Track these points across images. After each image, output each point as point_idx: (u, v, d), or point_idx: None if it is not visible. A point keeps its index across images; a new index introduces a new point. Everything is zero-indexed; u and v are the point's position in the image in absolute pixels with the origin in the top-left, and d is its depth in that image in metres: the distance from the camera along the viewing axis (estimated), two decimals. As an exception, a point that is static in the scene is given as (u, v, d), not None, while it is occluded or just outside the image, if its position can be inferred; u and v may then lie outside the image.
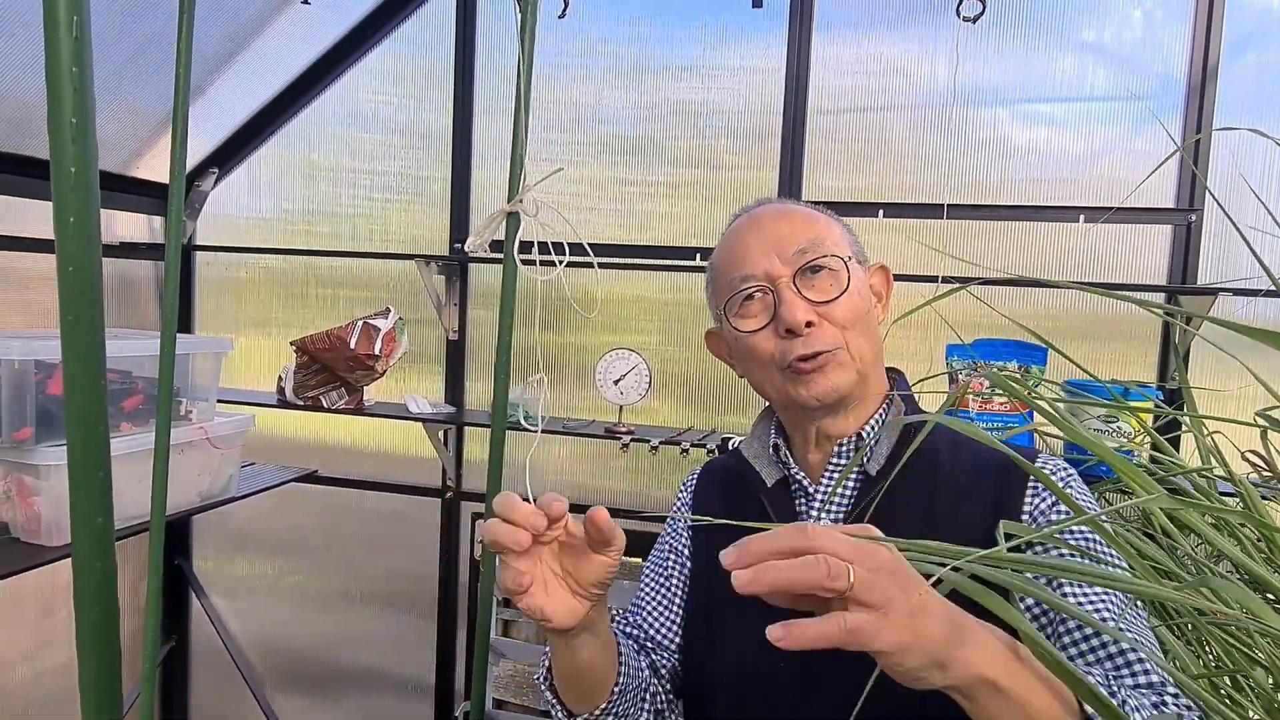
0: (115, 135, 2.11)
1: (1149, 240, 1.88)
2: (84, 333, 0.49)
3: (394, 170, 2.34)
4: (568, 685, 0.84)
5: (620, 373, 1.98)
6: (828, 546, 0.52)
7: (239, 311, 2.48)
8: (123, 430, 1.65)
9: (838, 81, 2.03)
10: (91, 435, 0.49)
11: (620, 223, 2.20)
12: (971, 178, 1.97)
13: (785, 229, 0.90)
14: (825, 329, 0.86)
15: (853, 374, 0.87)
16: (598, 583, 0.74)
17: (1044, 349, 1.77)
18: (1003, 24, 1.93)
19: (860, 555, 0.52)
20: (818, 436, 0.92)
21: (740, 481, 0.98)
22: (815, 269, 0.87)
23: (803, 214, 0.93)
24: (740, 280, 0.90)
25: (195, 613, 2.57)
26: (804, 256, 0.87)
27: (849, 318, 0.87)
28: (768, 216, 0.92)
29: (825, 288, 0.87)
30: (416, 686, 2.41)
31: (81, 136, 0.47)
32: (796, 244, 0.88)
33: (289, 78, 2.31)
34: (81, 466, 0.49)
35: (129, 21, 1.85)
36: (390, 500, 2.38)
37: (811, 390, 0.87)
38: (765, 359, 0.89)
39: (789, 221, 0.91)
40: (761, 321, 0.89)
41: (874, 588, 0.51)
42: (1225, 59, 1.80)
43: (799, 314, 0.85)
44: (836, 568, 0.51)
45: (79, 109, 0.47)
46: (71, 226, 0.47)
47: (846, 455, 0.91)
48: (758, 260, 0.89)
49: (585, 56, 2.19)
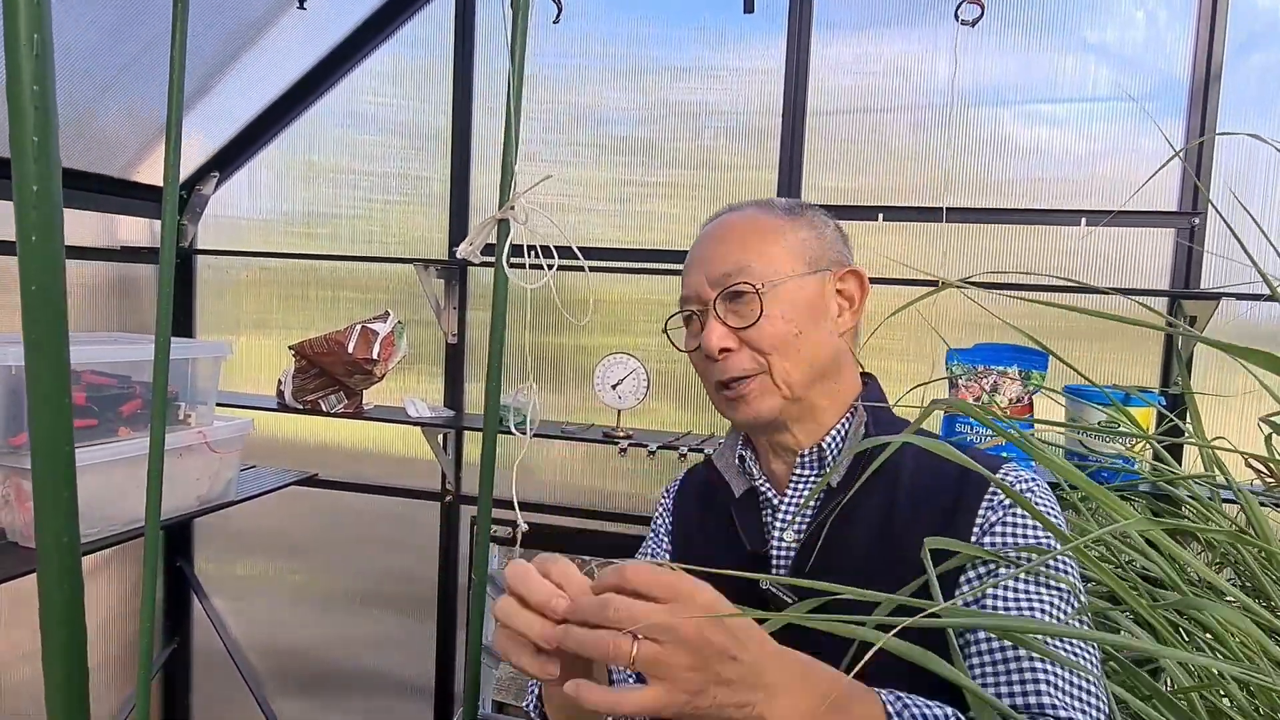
0: (117, 139, 2.11)
1: (1152, 244, 1.86)
2: (49, 352, 0.49)
3: (393, 172, 2.34)
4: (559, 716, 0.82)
5: (618, 377, 1.98)
6: (627, 618, 0.54)
7: (240, 314, 2.48)
8: (121, 435, 1.65)
9: (837, 82, 2.02)
10: (57, 455, 0.49)
11: (620, 224, 2.19)
12: (972, 179, 1.95)
13: (716, 251, 0.90)
14: (740, 355, 0.87)
15: (777, 400, 0.87)
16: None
17: (1045, 354, 1.76)
18: (1004, 24, 1.91)
19: (658, 623, 0.54)
20: (773, 448, 0.93)
21: (713, 492, 0.98)
22: (736, 294, 0.88)
23: (740, 232, 0.91)
24: (682, 300, 0.93)
25: (197, 615, 2.57)
26: (727, 280, 0.88)
27: (769, 343, 0.87)
28: (712, 234, 0.93)
29: (745, 313, 0.87)
30: (416, 689, 2.41)
31: (44, 155, 0.47)
32: (722, 267, 0.88)
33: (290, 80, 2.31)
34: (48, 487, 0.49)
35: (129, 24, 1.85)
36: (390, 503, 2.38)
37: (738, 415, 0.89)
38: (703, 377, 0.92)
39: (722, 243, 0.91)
40: (696, 342, 0.91)
41: (658, 664, 0.54)
42: (1229, 60, 1.78)
43: (714, 339, 0.87)
44: (619, 646, 0.53)
45: (41, 127, 0.46)
46: (34, 245, 0.47)
47: (810, 466, 0.91)
48: (693, 280, 0.91)
49: (584, 58, 2.18)
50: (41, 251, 0.47)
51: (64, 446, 0.49)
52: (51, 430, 0.49)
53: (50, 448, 0.49)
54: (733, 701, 0.55)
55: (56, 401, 0.49)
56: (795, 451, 0.91)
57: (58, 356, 0.49)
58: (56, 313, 0.48)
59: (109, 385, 1.66)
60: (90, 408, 1.61)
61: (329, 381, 2.11)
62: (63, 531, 0.49)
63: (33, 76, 0.46)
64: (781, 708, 0.57)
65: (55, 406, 0.49)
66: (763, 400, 0.87)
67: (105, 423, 1.63)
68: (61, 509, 0.48)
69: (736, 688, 0.56)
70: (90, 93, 1.94)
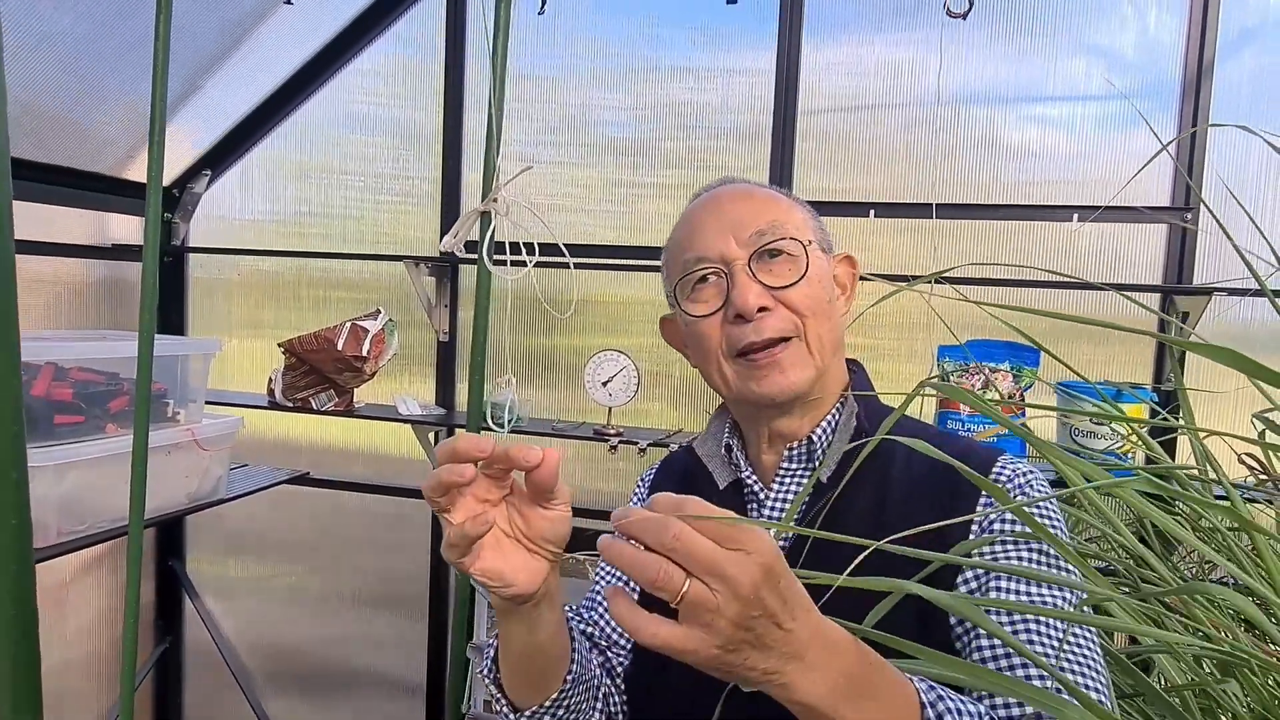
0: (107, 136, 2.11)
1: (1144, 240, 1.86)
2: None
3: (385, 171, 2.34)
4: (519, 672, 0.77)
5: (609, 374, 1.97)
6: (683, 550, 0.49)
7: (231, 313, 2.48)
8: (108, 432, 1.64)
9: (828, 82, 2.02)
10: (4, 434, 0.48)
11: (611, 224, 2.19)
12: (964, 178, 1.94)
13: (744, 210, 0.85)
14: (779, 315, 0.81)
15: (810, 371, 0.82)
16: (554, 538, 0.68)
17: (1037, 350, 1.75)
18: (993, 23, 1.90)
19: (717, 568, 0.49)
20: (770, 436, 0.88)
21: (694, 480, 0.93)
22: (773, 253, 0.83)
23: (764, 195, 0.88)
24: (694, 262, 0.85)
25: (189, 614, 2.57)
26: (761, 239, 0.82)
27: (807, 305, 0.82)
28: (726, 196, 0.88)
29: (783, 272, 0.82)
30: (408, 688, 2.40)
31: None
32: (755, 225, 0.83)
33: (281, 78, 2.31)
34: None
35: (119, 20, 1.85)
36: (382, 502, 2.38)
37: (764, 387, 0.82)
38: (714, 347, 0.85)
39: (748, 202, 0.86)
40: (713, 306, 0.84)
41: (703, 610, 0.49)
42: (1220, 58, 1.78)
43: (751, 298, 0.80)
44: (670, 577, 0.49)
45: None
46: (-17, 224, 0.47)
47: (798, 458, 0.87)
48: (712, 241, 0.84)
49: (576, 58, 2.18)
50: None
51: (12, 425, 0.48)
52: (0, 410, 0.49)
53: (1, 428, 0.49)
54: (763, 666, 0.52)
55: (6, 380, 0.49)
56: (789, 440, 0.86)
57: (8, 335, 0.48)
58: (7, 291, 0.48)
59: (97, 382, 1.65)
60: (78, 404, 1.60)
61: (319, 379, 2.10)
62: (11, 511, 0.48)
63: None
64: (810, 682, 0.53)
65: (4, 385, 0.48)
66: (797, 370, 0.82)
67: (92, 419, 1.62)
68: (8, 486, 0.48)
69: (771, 654, 0.52)
70: (81, 88, 1.94)
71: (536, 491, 0.66)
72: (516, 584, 0.67)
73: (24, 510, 0.49)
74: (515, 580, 0.66)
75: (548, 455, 0.63)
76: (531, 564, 0.67)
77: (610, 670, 0.92)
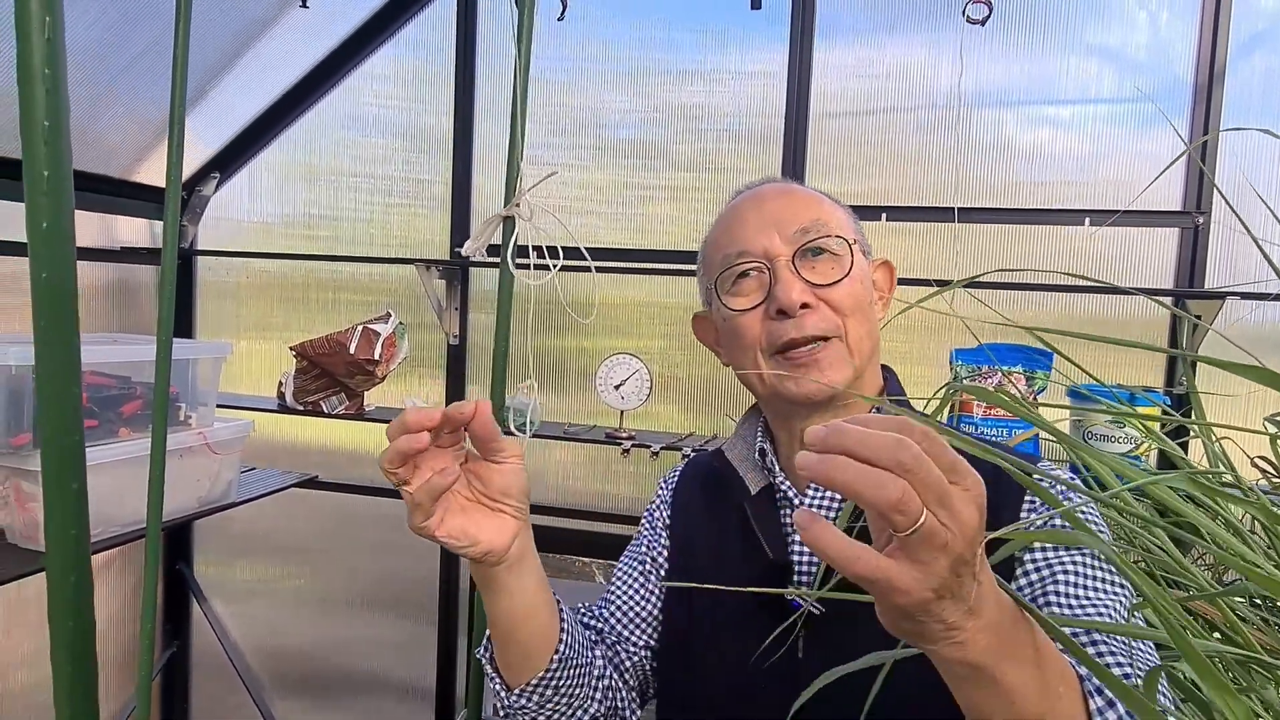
0: (117, 140, 2.11)
1: (1156, 244, 1.86)
2: (58, 340, 0.48)
3: (395, 174, 2.33)
4: (505, 645, 0.78)
5: (621, 378, 1.97)
6: (922, 475, 0.43)
7: (240, 316, 2.47)
8: (121, 436, 1.64)
9: (840, 85, 2.02)
10: (66, 445, 0.48)
11: (623, 227, 2.19)
12: (976, 181, 1.95)
13: (788, 207, 0.85)
14: (822, 313, 0.81)
15: (848, 371, 0.82)
16: (514, 491, 0.70)
17: (1049, 354, 1.75)
18: (1007, 26, 1.91)
19: (948, 500, 0.44)
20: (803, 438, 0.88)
21: (722, 485, 0.91)
22: (817, 251, 0.83)
23: (807, 194, 0.88)
24: (736, 256, 0.85)
25: (196, 618, 2.56)
26: (806, 236, 0.82)
27: (849, 304, 0.82)
28: (770, 193, 0.88)
29: (826, 270, 0.82)
30: (418, 691, 2.40)
31: (55, 139, 0.46)
32: (799, 223, 0.83)
33: (291, 81, 2.31)
34: (55, 477, 0.48)
35: (130, 26, 1.85)
36: (391, 505, 2.37)
37: (802, 387, 0.81)
38: (752, 342, 0.84)
39: (792, 200, 0.86)
40: (754, 300, 0.84)
41: (930, 547, 0.44)
42: (1232, 61, 1.78)
43: (794, 294, 0.80)
44: (909, 502, 0.42)
45: (52, 111, 0.46)
46: (45, 231, 0.46)
47: None
48: (755, 237, 0.84)
49: (587, 61, 2.18)
50: (53, 238, 0.47)
51: (72, 435, 0.48)
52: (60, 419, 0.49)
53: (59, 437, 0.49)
54: (951, 620, 0.47)
55: (66, 390, 0.48)
56: None
57: (68, 344, 0.48)
58: (67, 298, 0.48)
59: (109, 386, 1.65)
60: (91, 408, 1.59)
61: (330, 382, 2.10)
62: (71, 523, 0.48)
63: (44, 59, 0.45)
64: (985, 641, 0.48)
65: (64, 395, 0.48)
66: (836, 369, 0.81)
67: (106, 423, 1.62)
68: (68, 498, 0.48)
69: (960, 607, 0.47)
70: (91, 93, 1.93)
71: (481, 446, 0.69)
72: (483, 541, 0.69)
73: (84, 520, 0.49)
74: (481, 537, 0.69)
75: (480, 405, 0.66)
76: (497, 521, 0.70)
77: (619, 667, 0.91)
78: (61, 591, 0.48)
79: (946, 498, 0.44)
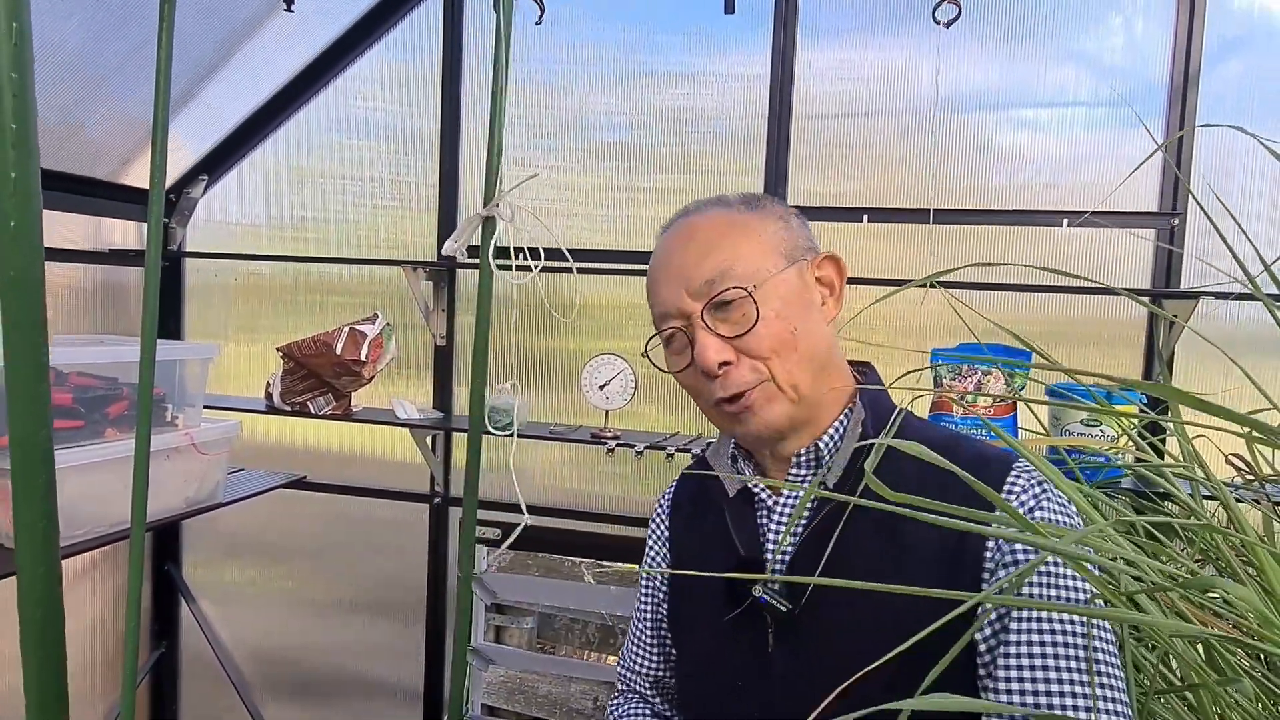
0: (105, 142, 2.12)
1: (1133, 245, 1.88)
2: (26, 339, 0.49)
3: (382, 176, 2.35)
4: None
5: (606, 377, 1.98)
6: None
7: (229, 318, 2.48)
8: (107, 436, 1.65)
9: (822, 87, 2.04)
10: (32, 441, 0.49)
11: (609, 229, 2.20)
12: (955, 185, 1.97)
13: (691, 257, 0.85)
14: (741, 367, 0.82)
15: (786, 406, 0.83)
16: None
17: (1028, 353, 1.77)
18: (984, 30, 1.93)
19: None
20: (774, 455, 0.89)
21: (706, 490, 0.95)
22: (722, 304, 0.82)
23: (710, 233, 0.86)
24: (660, 319, 0.88)
25: (185, 619, 2.56)
26: (711, 289, 0.82)
27: (769, 345, 0.82)
28: (675, 243, 0.88)
29: (737, 319, 0.82)
30: (406, 693, 2.40)
31: (22, 142, 0.47)
32: (703, 275, 0.83)
33: (279, 84, 2.32)
34: (22, 473, 0.50)
35: (117, 27, 1.86)
36: (379, 506, 2.38)
37: (747, 429, 0.84)
38: (698, 394, 0.87)
39: (694, 247, 0.85)
40: (686, 359, 0.86)
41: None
42: (1207, 64, 1.81)
43: (710, 355, 0.81)
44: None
45: (19, 114, 0.47)
46: (12, 232, 0.48)
47: (806, 465, 0.87)
48: (669, 297, 0.85)
49: (572, 64, 2.19)
50: (20, 238, 0.48)
51: (40, 430, 0.50)
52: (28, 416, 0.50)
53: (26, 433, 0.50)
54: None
55: (33, 388, 0.50)
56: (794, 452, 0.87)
57: (35, 343, 0.49)
58: (35, 298, 0.49)
59: (96, 386, 1.66)
60: (77, 409, 1.60)
61: (317, 383, 2.11)
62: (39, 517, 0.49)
63: (11, 64, 0.47)
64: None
65: (32, 393, 0.49)
66: (770, 408, 0.83)
67: (92, 424, 1.62)
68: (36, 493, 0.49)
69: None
70: (78, 95, 1.94)
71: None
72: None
73: (52, 514, 0.50)
74: None
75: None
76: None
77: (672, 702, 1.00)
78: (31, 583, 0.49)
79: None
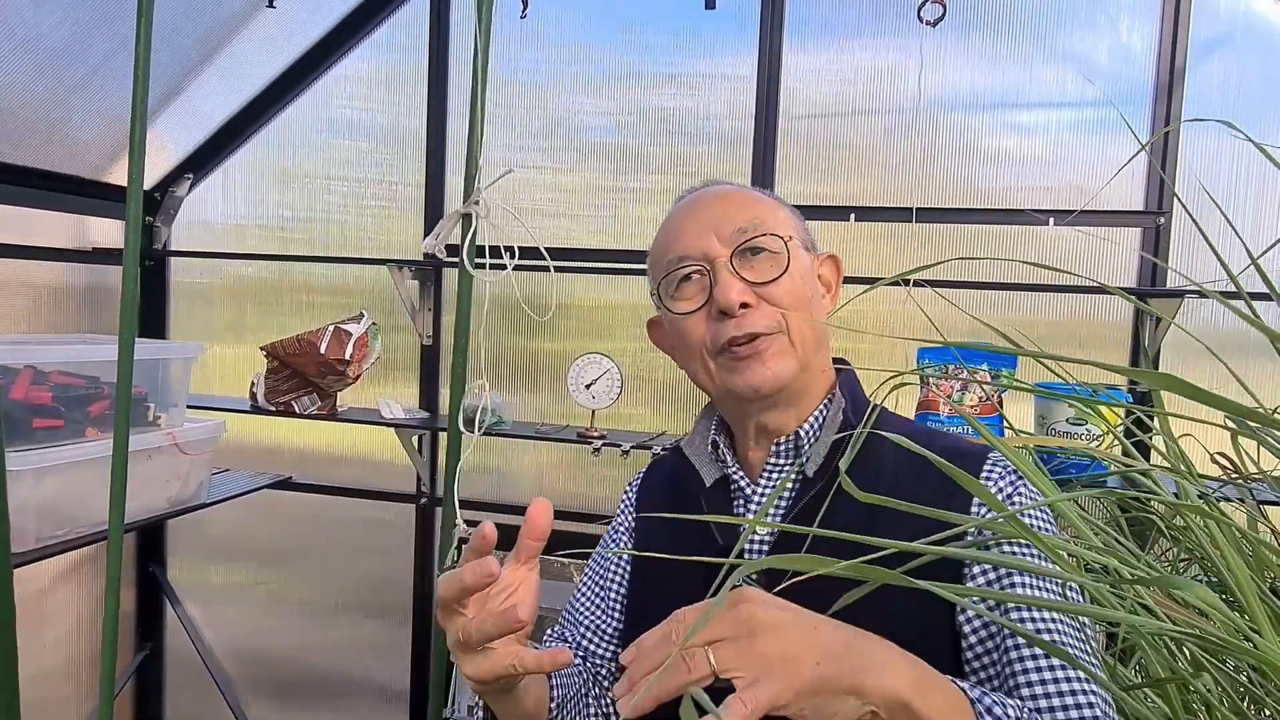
0: (88, 140, 2.10)
1: (1119, 245, 1.89)
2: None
3: (368, 175, 2.34)
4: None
5: (592, 377, 1.98)
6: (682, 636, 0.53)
7: (214, 318, 2.47)
8: (89, 435, 1.63)
9: (810, 88, 2.04)
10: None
11: (595, 229, 2.20)
12: (943, 183, 1.97)
13: (725, 208, 0.86)
14: (762, 310, 0.82)
15: (793, 362, 0.83)
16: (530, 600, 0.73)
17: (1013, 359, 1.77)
18: (970, 31, 1.93)
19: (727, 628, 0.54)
20: (757, 432, 0.88)
21: (681, 480, 0.94)
22: (755, 250, 0.83)
23: (744, 194, 0.89)
24: (676, 261, 0.86)
25: (170, 621, 2.55)
26: (743, 236, 0.83)
27: (790, 300, 0.83)
28: (708, 197, 0.89)
29: (765, 269, 0.83)
30: (392, 693, 2.39)
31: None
32: (736, 223, 0.84)
33: (264, 82, 2.31)
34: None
35: (100, 24, 1.84)
36: (365, 506, 2.37)
37: (748, 379, 0.82)
38: (698, 343, 0.85)
39: (729, 201, 0.87)
40: (697, 303, 0.85)
41: (740, 660, 0.53)
42: (1191, 64, 1.81)
43: (733, 294, 0.81)
44: (695, 661, 0.52)
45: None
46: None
47: (785, 454, 0.87)
48: (694, 240, 0.85)
49: (559, 64, 2.19)
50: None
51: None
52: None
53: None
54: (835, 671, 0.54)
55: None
56: (775, 435, 0.87)
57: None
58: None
59: (76, 386, 1.64)
60: (57, 408, 1.59)
61: (302, 383, 2.09)
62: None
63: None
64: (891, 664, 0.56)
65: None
66: (780, 361, 0.82)
67: (72, 423, 1.61)
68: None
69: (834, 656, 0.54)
70: (61, 93, 1.93)
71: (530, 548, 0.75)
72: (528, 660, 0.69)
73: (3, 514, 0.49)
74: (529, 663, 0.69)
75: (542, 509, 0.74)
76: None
77: (596, 675, 0.95)
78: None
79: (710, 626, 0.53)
